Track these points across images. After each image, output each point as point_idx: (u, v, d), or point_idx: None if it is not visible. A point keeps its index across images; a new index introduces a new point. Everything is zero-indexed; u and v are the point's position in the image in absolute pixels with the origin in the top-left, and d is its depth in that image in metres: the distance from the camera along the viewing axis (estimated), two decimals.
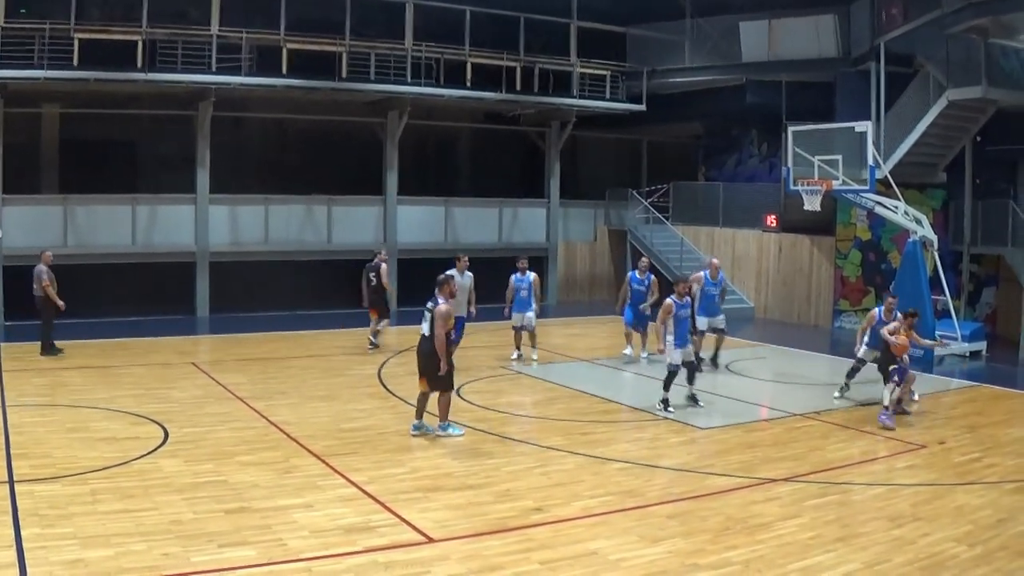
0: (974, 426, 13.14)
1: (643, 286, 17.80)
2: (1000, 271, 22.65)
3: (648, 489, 9.99)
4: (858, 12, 23.85)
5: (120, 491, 9.23)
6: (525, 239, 28.18)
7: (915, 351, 14.31)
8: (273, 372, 16.22)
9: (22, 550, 7.59)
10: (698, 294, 16.62)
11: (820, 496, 9.79)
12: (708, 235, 27.87)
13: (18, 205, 21.69)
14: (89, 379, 15.14)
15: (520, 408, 13.62)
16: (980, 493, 9.99)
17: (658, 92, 27.73)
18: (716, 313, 16.97)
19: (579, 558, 7.91)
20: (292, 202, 24.94)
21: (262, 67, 22.43)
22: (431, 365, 11.60)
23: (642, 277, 17.91)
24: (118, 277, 22.26)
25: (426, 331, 11.65)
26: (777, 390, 16.01)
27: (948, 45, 20.60)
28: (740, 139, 29.45)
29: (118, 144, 24.83)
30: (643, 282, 17.85)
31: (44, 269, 17.02)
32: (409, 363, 14.32)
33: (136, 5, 21.36)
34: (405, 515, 8.83)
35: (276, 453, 10.93)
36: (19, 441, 11.03)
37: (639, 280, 17.94)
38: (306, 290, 24.82)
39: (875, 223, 22.98)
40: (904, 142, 21.46)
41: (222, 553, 7.75)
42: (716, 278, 17.06)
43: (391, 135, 25.51)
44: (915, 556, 8.08)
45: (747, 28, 25.95)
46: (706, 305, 16.82)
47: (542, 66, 26.29)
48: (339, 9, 23.30)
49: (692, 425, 12.86)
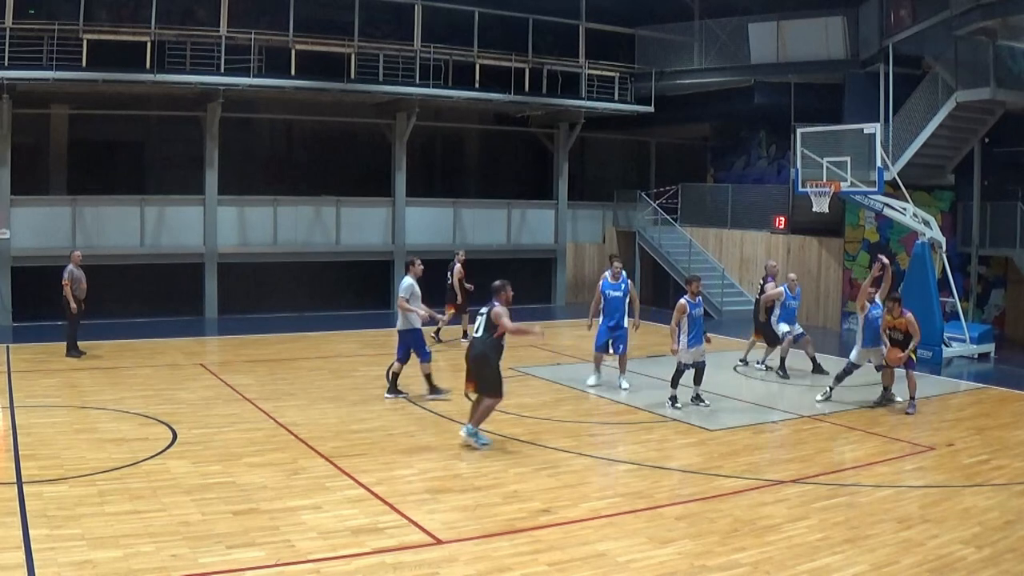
0: (982, 428, 13.10)
1: (619, 291, 15.26)
2: (1008, 273, 22.60)
3: (656, 491, 9.97)
4: (866, 14, 23.80)
5: (128, 492, 9.24)
6: (533, 240, 28.21)
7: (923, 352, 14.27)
8: (281, 373, 16.24)
9: (30, 551, 7.61)
10: (777, 307, 16.94)
11: (828, 498, 9.77)
12: (716, 236, 27.86)
13: (27, 206, 21.76)
14: (97, 380, 15.18)
15: (527, 409, 13.61)
16: (988, 495, 9.96)
17: (666, 93, 27.75)
18: (794, 321, 17.06)
19: (588, 559, 7.90)
20: (300, 203, 24.98)
21: (270, 68, 22.47)
22: (482, 368, 11.34)
23: (616, 281, 15.33)
24: (126, 278, 22.32)
25: (479, 333, 11.40)
26: (785, 392, 15.97)
27: (956, 47, 20.54)
28: (748, 141, 29.42)
29: (127, 145, 24.92)
30: (618, 287, 15.28)
31: (69, 269, 17.04)
32: (414, 364, 14.32)
33: (144, 6, 21.45)
34: (413, 516, 8.83)
35: (284, 454, 10.94)
36: (27, 442, 11.07)
37: (613, 285, 15.31)
38: (314, 291, 24.87)
39: (883, 225, 22.94)
40: (912, 144, 21.41)
41: (230, 554, 7.75)
42: (794, 291, 17.10)
43: (399, 136, 25.53)
44: (923, 558, 8.06)
45: (756, 30, 25.91)
46: (785, 315, 16.96)
47: (550, 67, 26.31)
48: (347, 10, 23.32)
49: (700, 427, 12.85)
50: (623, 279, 15.39)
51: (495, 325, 11.20)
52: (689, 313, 13.63)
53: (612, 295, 15.17)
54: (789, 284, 17.17)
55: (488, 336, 11.28)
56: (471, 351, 11.51)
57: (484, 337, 11.31)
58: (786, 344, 16.85)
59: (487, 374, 11.32)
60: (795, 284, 17.30)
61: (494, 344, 11.31)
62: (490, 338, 11.27)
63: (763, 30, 25.78)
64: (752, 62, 26.10)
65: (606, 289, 15.23)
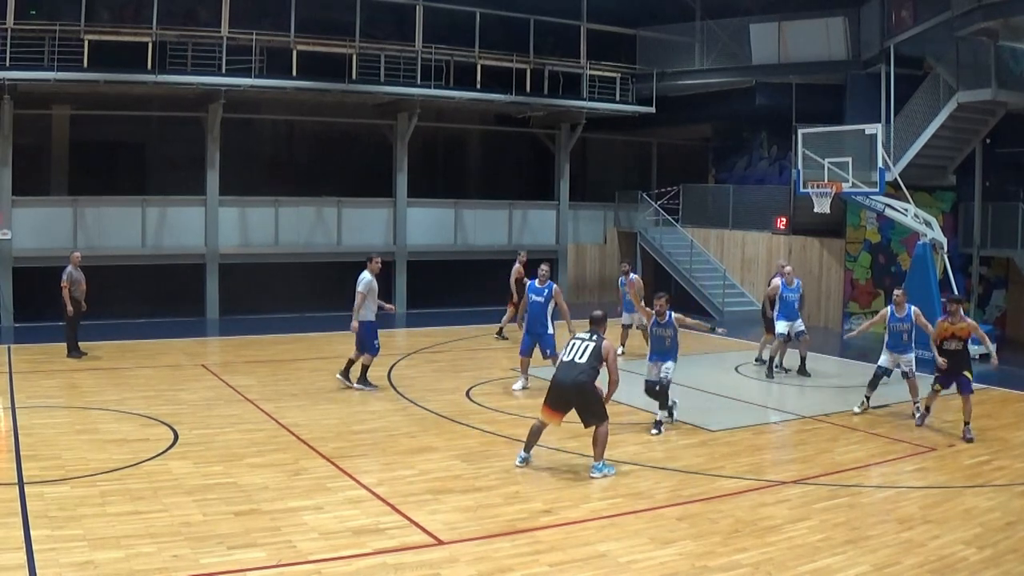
0: (983, 429, 13.07)
1: (542, 296, 14.93)
2: (1010, 273, 22.62)
3: (658, 491, 9.98)
4: (868, 14, 23.81)
5: (130, 493, 9.24)
6: (535, 241, 28.19)
7: (924, 353, 14.17)
8: (283, 374, 16.24)
9: (32, 552, 7.61)
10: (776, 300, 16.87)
11: (829, 498, 9.77)
12: (718, 237, 27.86)
13: (28, 207, 21.76)
14: (99, 381, 15.18)
15: (529, 410, 13.58)
16: (989, 496, 9.96)
17: (668, 94, 27.75)
18: (795, 318, 16.84)
19: (589, 560, 7.90)
20: (302, 204, 24.98)
21: (272, 69, 22.49)
22: (589, 400, 10.41)
23: (541, 286, 15.03)
24: (128, 279, 22.30)
25: (581, 360, 10.37)
26: (786, 392, 15.97)
27: (958, 47, 20.56)
28: (750, 141, 29.42)
29: (128, 146, 24.94)
30: (542, 292, 14.96)
31: (68, 270, 17.03)
32: (419, 365, 14.33)
33: (146, 6, 21.45)
34: (414, 517, 8.83)
35: (286, 455, 10.94)
36: (29, 443, 11.07)
37: (537, 290, 15.01)
38: (316, 292, 24.83)
39: (885, 225, 22.94)
40: (914, 144, 21.43)
41: (232, 555, 7.76)
42: (792, 284, 16.97)
43: (401, 137, 25.54)
44: (924, 559, 8.06)
45: (757, 30, 25.92)
46: (785, 310, 16.81)
47: (552, 68, 26.31)
48: (349, 11, 23.33)
49: (701, 427, 12.84)
50: (549, 285, 15.14)
51: (603, 359, 10.48)
52: (651, 331, 13.01)
53: (535, 299, 14.94)
54: (786, 278, 17.10)
55: (591, 367, 10.37)
56: (569, 380, 10.37)
57: (586, 367, 10.35)
58: (777, 344, 16.85)
59: (596, 406, 10.48)
60: (792, 277, 17.17)
61: (595, 375, 10.52)
62: (593, 370, 10.40)
63: (764, 31, 25.79)
64: (753, 63, 26.11)
65: (531, 292, 15.07)
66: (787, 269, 17.50)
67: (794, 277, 17.25)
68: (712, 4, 27.09)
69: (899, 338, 13.73)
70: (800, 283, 17.42)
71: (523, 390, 14.98)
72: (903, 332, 13.72)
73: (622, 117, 28.29)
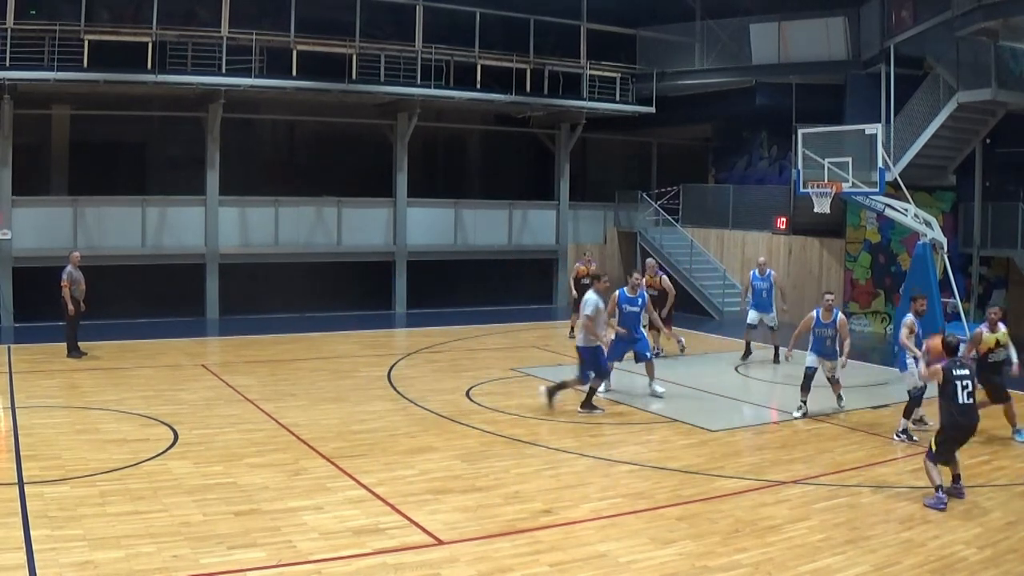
0: (983, 429, 13.00)
1: (636, 306, 14.78)
2: (1010, 273, 22.59)
3: (658, 491, 9.98)
4: (868, 14, 23.80)
5: (129, 493, 9.25)
6: (535, 241, 28.21)
7: None
8: (283, 374, 16.24)
9: (31, 552, 7.62)
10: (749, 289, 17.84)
11: (830, 498, 9.77)
12: (718, 237, 27.84)
13: (28, 207, 21.75)
14: (99, 381, 15.18)
15: (528, 410, 13.61)
16: (989, 496, 9.97)
17: (668, 94, 27.73)
18: (766, 309, 17.70)
19: (589, 560, 7.91)
20: (302, 204, 24.96)
21: (272, 69, 22.47)
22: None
23: (634, 295, 14.83)
24: (128, 279, 22.29)
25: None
26: (787, 392, 15.95)
27: (958, 47, 20.55)
28: (750, 141, 29.40)
29: (128, 145, 24.91)
30: (636, 301, 14.80)
31: (68, 270, 17.04)
32: (419, 365, 14.33)
33: (146, 6, 21.42)
34: (414, 517, 8.83)
35: (286, 455, 10.95)
36: (29, 443, 11.08)
37: (631, 299, 14.82)
38: (316, 292, 24.86)
39: (885, 225, 22.93)
40: (914, 144, 21.42)
41: (232, 555, 7.76)
42: (764, 274, 17.78)
43: (401, 137, 25.53)
44: (925, 559, 8.06)
45: (757, 30, 25.91)
46: (755, 300, 17.59)
47: (552, 68, 26.29)
48: (349, 11, 23.30)
49: (701, 427, 12.84)
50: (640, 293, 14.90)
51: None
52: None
53: (628, 310, 14.62)
54: (758, 268, 17.93)
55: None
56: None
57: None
58: (746, 333, 17.67)
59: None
60: (765, 267, 17.99)
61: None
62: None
63: (764, 31, 25.78)
64: (753, 63, 26.09)
65: (623, 303, 14.64)
66: (760, 260, 18.20)
67: (767, 268, 17.97)
68: (712, 4, 27.06)
69: (823, 343, 13.69)
70: (773, 274, 18.19)
71: (606, 392, 14.55)
72: (827, 337, 13.66)
73: (622, 117, 28.27)
